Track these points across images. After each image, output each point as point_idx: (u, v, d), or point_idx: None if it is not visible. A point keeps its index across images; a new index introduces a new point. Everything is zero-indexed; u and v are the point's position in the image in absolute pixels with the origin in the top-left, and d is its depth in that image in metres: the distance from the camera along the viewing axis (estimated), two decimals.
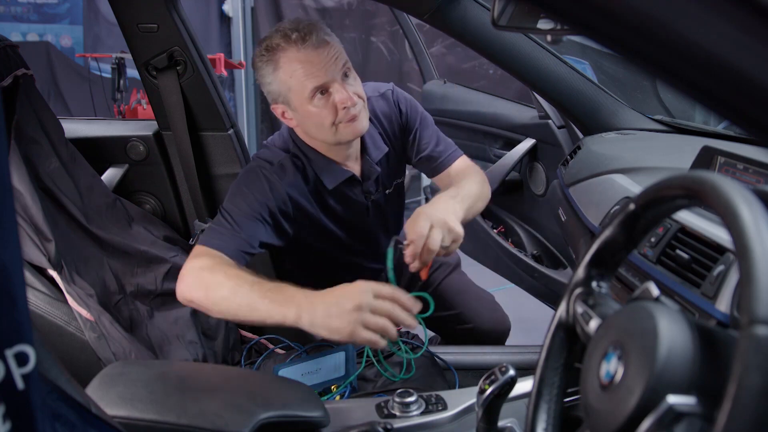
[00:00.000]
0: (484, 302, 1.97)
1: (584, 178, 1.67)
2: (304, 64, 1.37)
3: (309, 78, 1.38)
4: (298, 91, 1.40)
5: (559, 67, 1.87)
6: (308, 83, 1.38)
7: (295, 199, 1.51)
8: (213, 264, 1.32)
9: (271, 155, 1.54)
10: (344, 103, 1.39)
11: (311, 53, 1.37)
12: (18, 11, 5.23)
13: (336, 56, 1.39)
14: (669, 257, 1.18)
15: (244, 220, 1.42)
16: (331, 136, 1.45)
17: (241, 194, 1.46)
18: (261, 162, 1.52)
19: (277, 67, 1.39)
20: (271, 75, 1.41)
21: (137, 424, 0.92)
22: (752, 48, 0.52)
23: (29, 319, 0.46)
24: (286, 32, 1.37)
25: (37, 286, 1.53)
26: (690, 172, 0.62)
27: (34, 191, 1.53)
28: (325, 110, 1.41)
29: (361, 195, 1.63)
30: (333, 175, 1.55)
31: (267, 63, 1.41)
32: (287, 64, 1.38)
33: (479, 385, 0.94)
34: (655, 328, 0.58)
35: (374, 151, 1.60)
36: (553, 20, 1.08)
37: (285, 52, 1.38)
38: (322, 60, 1.37)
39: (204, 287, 1.29)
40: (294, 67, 1.38)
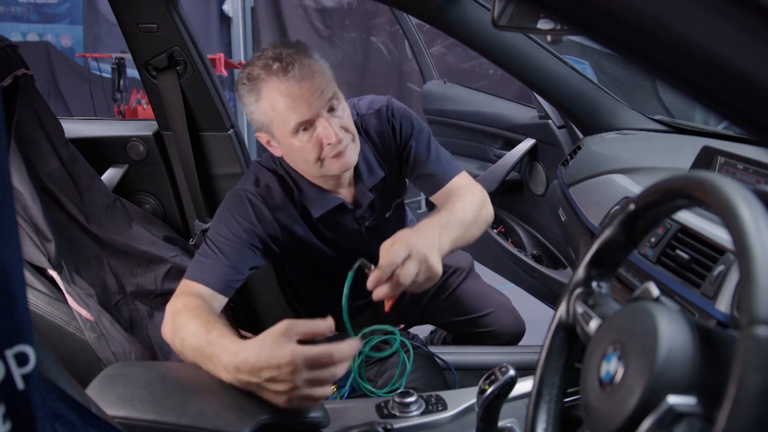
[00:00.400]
0: (503, 306, 1.92)
1: (584, 178, 1.67)
2: (286, 98, 1.30)
3: (291, 113, 1.30)
4: (281, 125, 1.33)
5: (559, 67, 1.87)
6: (291, 118, 1.31)
7: (284, 224, 1.46)
8: (176, 311, 1.25)
9: (258, 177, 1.48)
10: (329, 139, 1.31)
11: (293, 86, 1.29)
12: (18, 11, 5.24)
13: (321, 89, 1.31)
14: (669, 257, 1.18)
15: (230, 249, 1.36)
16: (317, 171, 1.39)
17: (226, 222, 1.40)
18: (247, 185, 1.46)
19: (259, 98, 1.33)
20: (254, 105, 1.35)
21: (137, 424, 0.92)
22: (752, 48, 0.52)
23: (29, 320, 0.46)
24: (268, 62, 1.30)
25: (37, 286, 1.53)
26: (690, 173, 0.62)
27: (34, 191, 1.53)
28: (309, 145, 1.33)
29: (354, 222, 1.56)
30: (320, 204, 1.48)
31: (249, 92, 1.34)
32: (269, 96, 1.31)
33: (479, 385, 0.94)
34: (655, 329, 0.58)
35: (368, 178, 1.52)
36: (553, 20, 1.08)
37: (266, 83, 1.31)
38: (305, 93, 1.29)
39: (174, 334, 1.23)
40: (276, 99, 1.30)
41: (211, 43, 5.14)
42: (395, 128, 1.55)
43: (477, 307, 1.87)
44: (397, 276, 1.17)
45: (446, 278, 1.87)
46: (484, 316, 1.87)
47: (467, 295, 1.87)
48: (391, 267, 1.17)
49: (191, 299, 1.27)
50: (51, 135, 1.69)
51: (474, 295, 1.88)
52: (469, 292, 1.88)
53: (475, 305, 1.87)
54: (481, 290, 1.92)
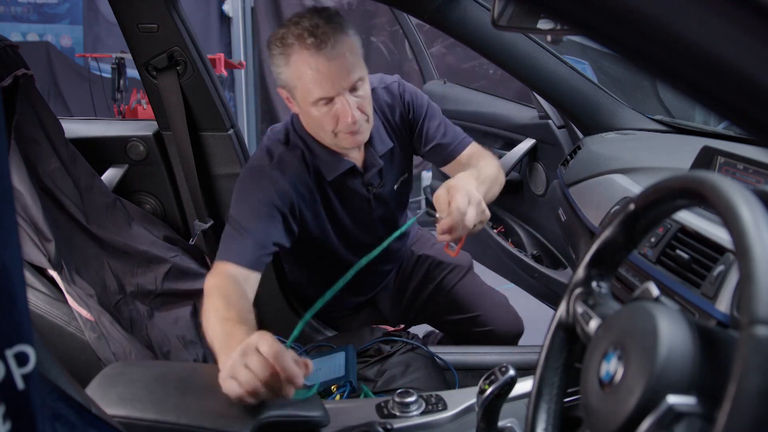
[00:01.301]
0: (501, 305, 1.94)
1: (584, 178, 1.67)
2: (313, 72, 1.34)
3: (315, 86, 1.35)
4: (303, 93, 1.38)
5: (559, 67, 1.87)
6: (314, 91, 1.36)
7: (299, 192, 1.49)
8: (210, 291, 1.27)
9: (270, 150, 1.52)
10: (345, 119, 1.38)
11: (323, 63, 1.33)
12: (18, 11, 5.23)
13: (349, 70, 1.36)
14: (669, 257, 1.18)
15: (253, 223, 1.40)
16: (329, 141, 1.46)
17: (245, 197, 1.44)
18: (261, 158, 1.50)
19: (288, 63, 1.37)
20: (282, 66, 1.39)
21: (137, 424, 0.92)
22: (752, 48, 0.52)
23: (29, 320, 0.46)
24: (303, 33, 1.33)
25: (37, 286, 1.54)
26: (690, 172, 0.62)
27: (34, 191, 1.53)
28: (326, 117, 1.40)
29: (363, 187, 1.61)
30: (333, 166, 1.53)
31: (279, 54, 1.38)
32: (297, 64, 1.35)
33: (479, 385, 0.94)
34: (655, 329, 0.58)
35: (379, 144, 1.58)
36: (553, 20, 1.08)
37: (297, 52, 1.34)
38: (332, 72, 1.34)
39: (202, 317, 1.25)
40: (303, 70, 1.35)
41: (211, 43, 5.13)
42: (407, 104, 1.63)
43: (474, 306, 1.88)
44: (465, 222, 1.24)
45: (444, 276, 1.88)
46: (481, 315, 1.87)
47: (465, 292, 1.88)
48: (461, 214, 1.24)
49: (222, 281, 1.30)
50: (51, 135, 1.70)
51: (472, 293, 1.89)
52: (466, 289, 1.89)
53: (473, 304, 1.88)
54: (479, 289, 1.92)
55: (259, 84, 5.38)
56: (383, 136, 1.60)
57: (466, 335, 1.91)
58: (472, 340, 1.89)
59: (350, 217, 1.64)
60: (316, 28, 1.33)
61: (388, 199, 1.68)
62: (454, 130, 1.68)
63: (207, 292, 1.28)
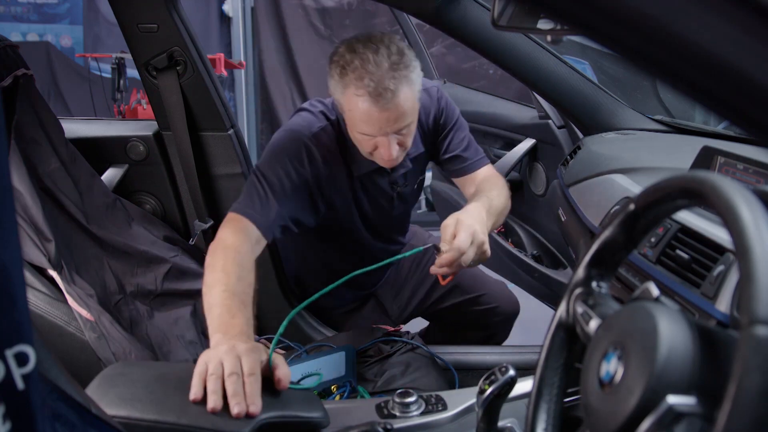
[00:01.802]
0: (500, 284, 2.00)
1: (584, 178, 1.67)
2: (363, 114, 1.35)
3: (362, 124, 1.37)
4: (350, 120, 1.41)
5: (559, 67, 1.87)
6: (360, 126, 1.38)
7: (331, 173, 1.51)
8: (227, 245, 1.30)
9: (312, 120, 1.52)
10: (382, 156, 1.41)
11: (376, 112, 1.34)
12: (18, 11, 5.23)
13: (400, 119, 1.36)
14: (669, 257, 1.18)
15: (280, 190, 1.42)
16: (366, 156, 1.48)
17: (278, 160, 1.45)
18: (302, 125, 1.51)
19: (343, 90, 1.37)
20: (337, 87, 1.39)
21: (137, 424, 0.92)
22: (752, 48, 0.52)
23: (29, 319, 0.46)
24: (365, 79, 1.31)
25: (37, 286, 1.53)
26: (690, 172, 0.62)
27: (34, 191, 1.53)
28: (367, 143, 1.42)
29: (388, 186, 1.64)
30: (363, 162, 1.54)
31: (338, 76, 1.37)
32: (352, 99, 1.36)
33: (479, 385, 0.94)
34: (655, 329, 0.58)
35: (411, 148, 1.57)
36: (553, 20, 1.08)
37: (354, 91, 1.34)
38: (382, 120, 1.35)
39: (208, 263, 1.28)
40: (356, 106, 1.35)
41: (211, 43, 5.13)
42: (441, 110, 1.66)
43: (477, 286, 1.92)
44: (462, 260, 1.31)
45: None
46: (485, 294, 1.92)
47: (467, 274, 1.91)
48: (459, 253, 1.30)
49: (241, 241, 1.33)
50: (51, 135, 1.70)
51: (472, 274, 1.93)
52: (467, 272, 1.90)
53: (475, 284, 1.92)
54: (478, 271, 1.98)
55: (259, 84, 5.38)
56: (416, 141, 1.62)
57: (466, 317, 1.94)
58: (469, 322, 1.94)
59: (373, 210, 1.67)
60: (381, 77, 1.31)
61: (409, 198, 1.73)
62: (476, 148, 1.71)
63: (223, 246, 1.30)
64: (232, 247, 1.30)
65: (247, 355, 1.01)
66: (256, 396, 0.97)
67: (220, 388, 0.96)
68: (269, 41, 5.23)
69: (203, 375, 0.98)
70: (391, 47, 1.34)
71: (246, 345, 1.05)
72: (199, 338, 1.80)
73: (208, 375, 0.98)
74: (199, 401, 0.96)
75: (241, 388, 0.96)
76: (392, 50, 1.34)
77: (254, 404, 0.95)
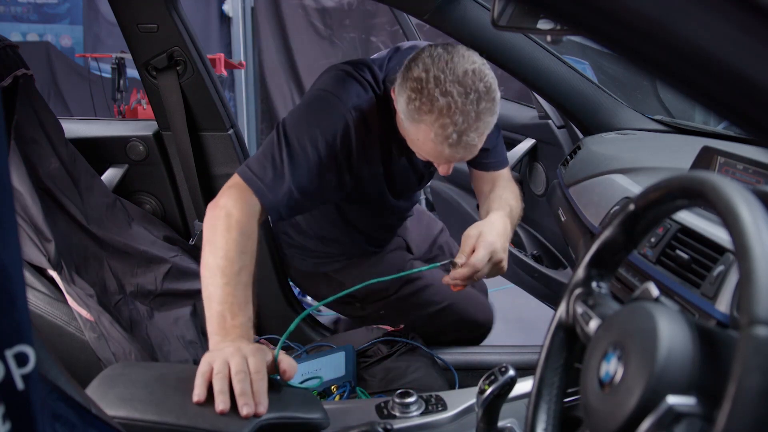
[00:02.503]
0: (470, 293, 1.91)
1: (584, 178, 1.67)
2: (437, 153, 1.27)
3: (431, 155, 1.30)
4: (414, 143, 1.31)
5: (559, 67, 1.87)
6: (427, 154, 1.30)
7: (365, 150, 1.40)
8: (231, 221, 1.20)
9: (358, 91, 1.39)
10: (440, 172, 1.37)
11: (449, 153, 1.25)
12: (18, 11, 5.24)
13: (469, 156, 1.30)
14: (669, 257, 1.18)
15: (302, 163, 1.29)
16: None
17: (309, 125, 1.32)
18: (345, 93, 1.36)
19: (416, 124, 1.25)
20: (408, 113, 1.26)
21: (137, 424, 0.92)
22: (752, 48, 0.52)
23: (29, 320, 0.46)
24: (448, 128, 1.21)
25: (37, 287, 1.53)
26: (690, 173, 0.62)
27: (34, 191, 1.53)
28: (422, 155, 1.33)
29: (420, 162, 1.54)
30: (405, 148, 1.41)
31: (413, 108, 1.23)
32: (426, 137, 1.25)
33: (479, 385, 0.94)
34: (654, 329, 0.58)
35: None
36: (553, 20, 1.08)
37: (432, 135, 1.23)
38: (453, 158, 1.28)
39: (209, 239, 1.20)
40: (428, 144, 1.26)
41: (211, 43, 5.13)
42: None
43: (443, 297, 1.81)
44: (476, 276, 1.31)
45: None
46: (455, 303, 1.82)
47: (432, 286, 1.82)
48: (474, 270, 1.30)
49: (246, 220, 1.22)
50: (51, 135, 1.70)
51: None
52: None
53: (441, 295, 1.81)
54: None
55: (259, 84, 5.39)
56: None
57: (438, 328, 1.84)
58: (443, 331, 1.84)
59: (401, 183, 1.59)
60: (466, 129, 1.21)
61: (427, 180, 1.72)
62: (503, 148, 1.67)
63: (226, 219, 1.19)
64: (236, 225, 1.19)
65: (254, 355, 1.01)
66: (263, 395, 0.97)
67: (228, 388, 0.96)
68: (269, 41, 5.24)
69: (207, 375, 0.98)
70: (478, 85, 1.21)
71: (251, 346, 1.04)
72: (199, 338, 1.80)
73: (214, 374, 0.97)
74: (202, 403, 0.96)
75: (249, 387, 0.96)
76: (482, 93, 1.21)
77: (262, 404, 0.95)
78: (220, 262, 1.15)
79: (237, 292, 1.14)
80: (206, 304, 1.14)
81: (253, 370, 0.99)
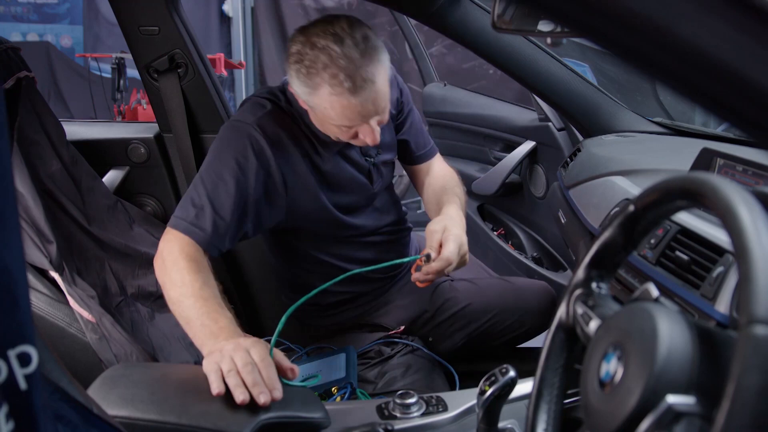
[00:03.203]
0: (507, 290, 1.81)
1: (584, 180, 1.67)
2: (345, 109, 1.25)
3: (344, 118, 1.27)
4: (326, 116, 1.29)
5: (559, 69, 1.88)
6: (341, 120, 1.28)
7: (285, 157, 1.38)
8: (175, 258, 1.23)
9: (255, 106, 1.39)
10: (367, 142, 1.32)
11: (357, 104, 1.24)
12: (18, 11, 5.25)
13: (379, 102, 1.27)
14: (668, 258, 1.18)
15: (219, 193, 1.29)
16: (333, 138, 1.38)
17: (219, 158, 1.33)
18: (245, 116, 1.37)
19: (314, 92, 1.26)
20: (303, 88, 1.27)
21: (139, 424, 0.92)
22: (751, 50, 0.52)
23: (32, 320, 0.46)
24: (338, 75, 1.21)
25: (38, 288, 1.54)
26: (689, 174, 0.62)
27: (35, 193, 1.53)
28: (345, 134, 1.32)
29: (362, 158, 1.51)
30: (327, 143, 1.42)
31: (303, 78, 1.25)
32: (326, 98, 1.25)
33: (480, 386, 0.94)
34: (654, 329, 0.58)
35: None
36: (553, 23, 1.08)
37: (329, 90, 1.23)
38: (365, 110, 1.26)
39: (163, 281, 1.23)
40: (334, 106, 1.25)
41: (211, 43, 5.14)
42: (401, 90, 1.60)
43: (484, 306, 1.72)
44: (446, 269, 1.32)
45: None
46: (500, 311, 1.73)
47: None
48: (447, 263, 1.31)
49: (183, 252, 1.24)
50: (52, 137, 1.70)
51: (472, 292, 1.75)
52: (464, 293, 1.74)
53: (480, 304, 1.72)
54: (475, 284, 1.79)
55: (259, 84, 5.39)
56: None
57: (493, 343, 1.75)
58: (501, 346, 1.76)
59: (349, 188, 1.52)
60: (355, 70, 1.21)
61: (385, 172, 1.60)
62: (427, 135, 1.70)
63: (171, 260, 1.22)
64: (180, 256, 1.23)
65: (254, 345, 1.04)
66: (275, 380, 1.00)
67: (242, 381, 0.98)
68: (269, 41, 5.24)
69: (219, 373, 0.99)
70: (354, 33, 1.23)
71: (247, 339, 1.06)
72: None
73: (225, 373, 0.99)
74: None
75: (259, 377, 0.99)
76: (356, 36, 1.23)
77: (276, 389, 0.98)
78: (180, 289, 1.19)
79: (208, 303, 1.16)
80: (188, 330, 1.16)
81: (258, 359, 1.01)
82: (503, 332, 1.74)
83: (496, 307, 1.72)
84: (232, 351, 1.02)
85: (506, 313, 1.73)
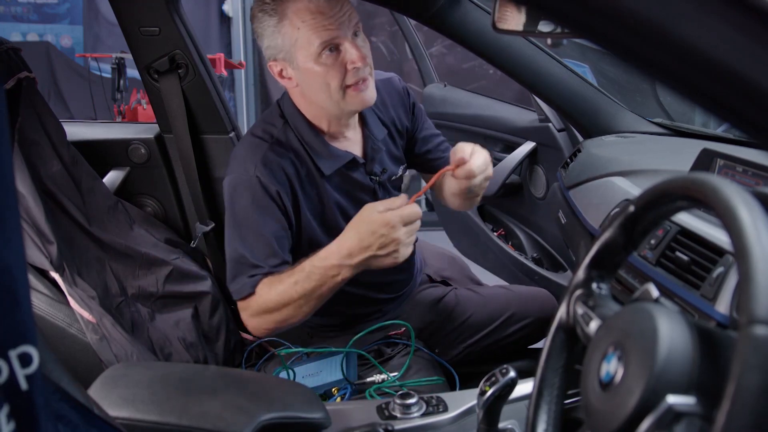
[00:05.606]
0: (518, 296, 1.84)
1: (584, 181, 1.67)
2: (315, 15, 1.24)
3: (319, 31, 1.25)
4: (305, 45, 1.27)
5: (560, 70, 1.88)
6: (317, 37, 1.25)
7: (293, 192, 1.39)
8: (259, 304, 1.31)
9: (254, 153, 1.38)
10: (355, 63, 1.27)
11: (323, 4, 1.24)
12: (18, 11, 5.24)
13: (349, 12, 1.28)
14: (669, 259, 1.18)
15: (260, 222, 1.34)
16: (336, 103, 1.33)
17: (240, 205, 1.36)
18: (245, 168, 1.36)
19: (282, 18, 1.27)
20: (274, 27, 1.28)
21: (139, 425, 0.92)
22: (751, 51, 0.52)
23: (33, 321, 0.47)
24: None
25: (39, 288, 1.54)
26: (689, 174, 0.62)
27: (36, 193, 1.53)
28: (333, 70, 1.28)
29: (366, 177, 1.49)
30: (331, 160, 1.41)
31: (270, 13, 1.28)
32: (295, 15, 1.25)
33: (480, 386, 0.94)
34: (654, 329, 0.59)
35: (375, 129, 1.49)
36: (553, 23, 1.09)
37: (295, 9, 1.25)
38: (335, 13, 1.25)
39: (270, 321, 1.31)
40: (303, 17, 1.25)
41: (211, 43, 5.13)
42: (413, 105, 1.61)
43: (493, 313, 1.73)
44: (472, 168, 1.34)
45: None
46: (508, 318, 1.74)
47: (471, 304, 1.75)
48: (480, 170, 1.35)
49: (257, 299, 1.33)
50: (53, 137, 1.70)
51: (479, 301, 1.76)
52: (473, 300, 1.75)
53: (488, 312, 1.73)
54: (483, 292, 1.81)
55: (259, 84, 5.39)
56: (377, 123, 1.51)
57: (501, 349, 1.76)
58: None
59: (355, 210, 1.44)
60: None
61: (392, 189, 1.58)
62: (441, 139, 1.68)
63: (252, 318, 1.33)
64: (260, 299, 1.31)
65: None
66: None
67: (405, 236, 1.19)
68: None
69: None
70: None
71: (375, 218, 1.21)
72: (200, 340, 1.80)
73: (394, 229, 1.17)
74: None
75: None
76: None
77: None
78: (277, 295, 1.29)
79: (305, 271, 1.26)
80: (331, 284, 1.26)
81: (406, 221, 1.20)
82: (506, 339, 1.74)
83: (499, 316, 1.73)
84: (383, 223, 1.18)
85: (510, 322, 1.74)
